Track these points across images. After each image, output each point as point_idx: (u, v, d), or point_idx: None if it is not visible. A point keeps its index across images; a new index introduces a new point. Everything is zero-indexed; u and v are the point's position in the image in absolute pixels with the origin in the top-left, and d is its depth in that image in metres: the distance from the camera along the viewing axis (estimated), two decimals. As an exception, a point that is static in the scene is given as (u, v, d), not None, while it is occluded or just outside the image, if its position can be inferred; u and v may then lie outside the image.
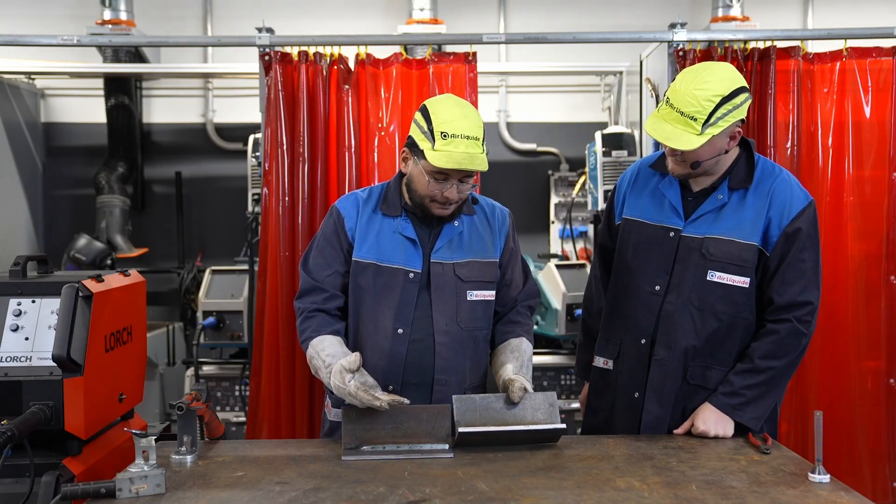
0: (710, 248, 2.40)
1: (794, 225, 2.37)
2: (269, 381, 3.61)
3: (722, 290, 2.40)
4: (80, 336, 2.01)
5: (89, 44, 4.66)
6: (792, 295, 2.37)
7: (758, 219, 2.40)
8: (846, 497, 1.86)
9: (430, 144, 2.23)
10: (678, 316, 2.42)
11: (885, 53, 3.62)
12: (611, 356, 2.58)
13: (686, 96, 2.26)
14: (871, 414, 3.61)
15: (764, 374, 2.37)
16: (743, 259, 2.39)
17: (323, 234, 2.44)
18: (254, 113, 3.97)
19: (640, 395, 2.48)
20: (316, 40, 3.68)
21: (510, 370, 2.34)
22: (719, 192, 2.43)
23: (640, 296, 2.49)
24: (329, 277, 2.38)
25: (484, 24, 5.70)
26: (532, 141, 5.76)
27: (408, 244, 2.37)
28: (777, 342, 2.37)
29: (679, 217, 2.46)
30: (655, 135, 2.32)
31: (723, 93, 2.26)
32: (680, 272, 2.44)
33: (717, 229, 2.41)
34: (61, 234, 5.47)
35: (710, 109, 2.24)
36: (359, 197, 2.46)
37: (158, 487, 1.86)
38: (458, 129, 2.22)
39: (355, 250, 2.38)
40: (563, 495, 1.85)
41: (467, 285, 2.38)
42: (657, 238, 2.48)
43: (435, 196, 2.29)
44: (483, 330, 2.44)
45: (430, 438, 2.19)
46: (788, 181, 2.45)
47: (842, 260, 3.63)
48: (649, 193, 2.54)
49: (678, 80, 2.32)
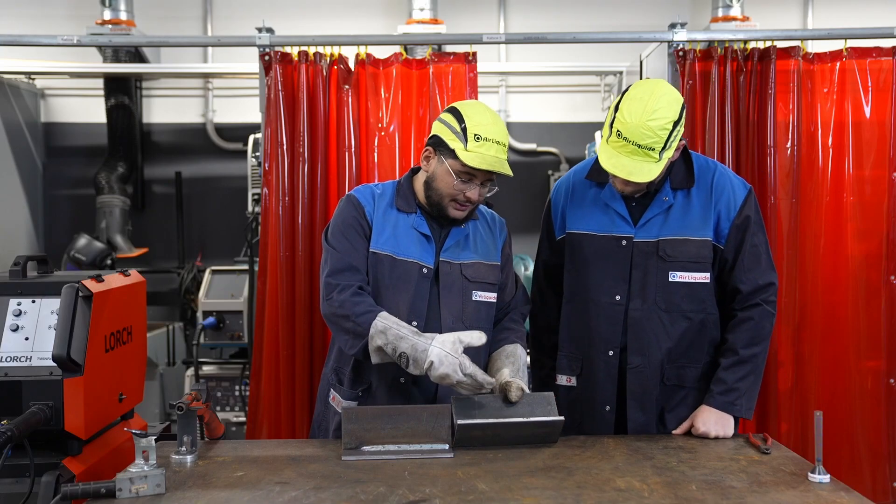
0: (666, 249, 2.42)
1: (742, 215, 2.43)
2: (269, 381, 3.61)
3: (686, 290, 2.43)
4: (80, 336, 2.01)
5: (89, 44, 4.67)
6: (755, 280, 2.43)
7: (706, 214, 2.43)
8: (846, 497, 1.86)
9: (463, 145, 2.28)
10: (647, 321, 2.43)
11: (885, 53, 3.62)
12: (574, 373, 2.57)
13: (640, 129, 2.22)
14: (871, 414, 3.61)
15: (750, 364, 2.40)
16: (700, 255, 2.42)
17: (343, 220, 2.42)
18: (254, 113, 3.97)
19: (611, 409, 2.49)
20: (316, 40, 3.68)
21: (507, 374, 2.35)
22: (664, 193, 2.45)
23: (601, 308, 2.48)
24: (361, 261, 2.37)
25: (484, 24, 5.70)
26: (532, 141, 5.76)
27: (422, 240, 2.40)
28: (753, 328, 2.41)
29: (628, 224, 2.46)
30: (616, 171, 2.28)
31: (674, 117, 2.25)
32: (640, 278, 2.44)
33: (669, 230, 2.43)
34: (61, 234, 5.48)
35: (665, 138, 2.24)
36: (374, 190, 2.49)
37: (158, 487, 1.86)
38: (490, 133, 2.29)
39: (372, 241, 2.39)
40: (563, 495, 1.85)
41: (473, 285, 2.41)
42: (610, 249, 2.47)
43: (457, 196, 2.33)
44: (486, 331, 2.43)
45: (430, 438, 2.19)
46: (725, 173, 2.50)
47: (842, 260, 3.63)
48: (590, 205, 2.54)
49: (625, 110, 2.25)
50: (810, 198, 3.61)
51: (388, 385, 2.37)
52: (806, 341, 3.59)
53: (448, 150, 2.31)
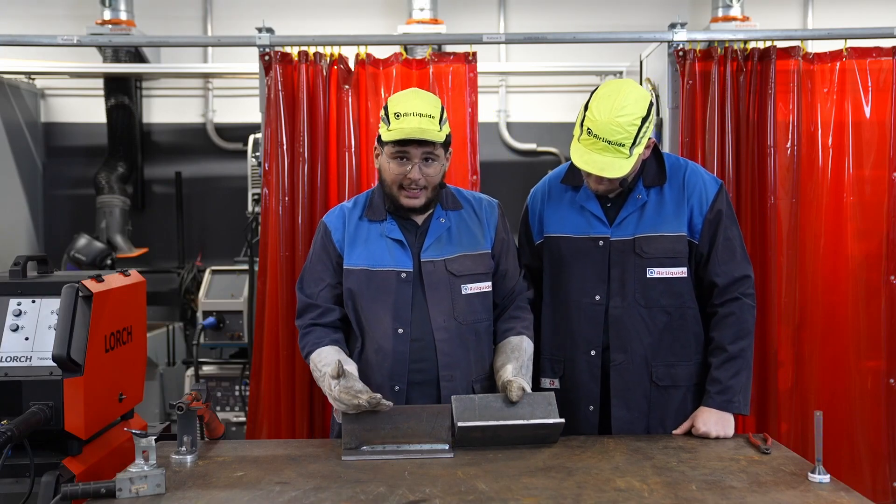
0: (643, 246, 2.46)
1: (714, 209, 2.47)
2: (269, 381, 3.61)
3: (663, 285, 2.46)
4: (80, 336, 2.01)
5: (89, 44, 4.67)
6: (730, 273, 2.47)
7: (679, 210, 2.47)
8: (846, 497, 1.86)
9: (387, 127, 2.33)
10: (627, 318, 2.46)
11: (885, 53, 3.62)
12: (556, 374, 2.58)
13: (609, 125, 2.28)
14: (871, 414, 3.61)
15: (740, 359, 2.43)
16: (676, 251, 2.46)
17: (314, 250, 2.51)
18: (254, 113, 3.97)
19: (594, 409, 2.51)
20: (316, 40, 3.68)
21: (510, 371, 2.34)
22: (637, 192, 2.49)
23: (582, 308, 2.51)
24: (322, 292, 2.45)
25: (484, 24, 5.70)
26: (532, 141, 5.76)
27: (395, 246, 2.40)
28: (737, 322, 2.45)
29: (604, 224, 2.50)
30: (589, 168, 2.33)
31: (641, 114, 2.31)
32: (618, 276, 2.47)
33: (644, 227, 2.47)
34: (61, 234, 5.47)
35: (634, 133, 2.29)
36: (344, 208, 2.52)
37: (158, 487, 1.86)
38: (409, 108, 2.33)
39: (345, 259, 2.43)
40: (563, 495, 1.85)
41: (460, 280, 2.41)
42: (587, 250, 2.50)
43: (401, 181, 2.35)
44: (484, 322, 2.46)
45: (430, 438, 2.19)
46: (696, 170, 2.55)
47: (842, 260, 3.63)
48: (567, 208, 2.57)
49: (594, 108, 2.32)
50: (810, 198, 3.61)
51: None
52: (806, 341, 3.59)
53: (380, 141, 2.37)
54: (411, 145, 2.31)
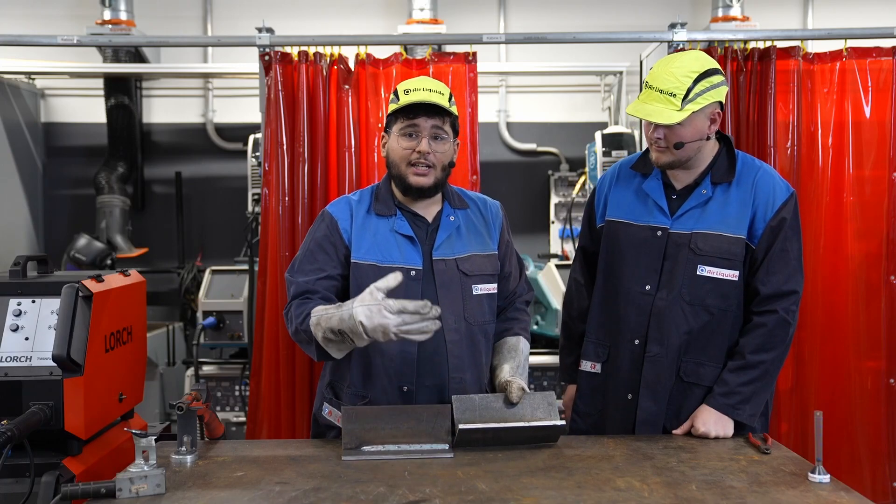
0: (698, 242, 2.42)
1: (778, 217, 2.40)
2: (269, 381, 3.61)
3: (712, 284, 2.42)
4: (80, 336, 2.01)
5: (89, 44, 4.67)
6: (777, 284, 2.39)
7: (743, 212, 2.42)
8: (846, 497, 1.86)
9: (396, 102, 2.32)
10: (668, 311, 2.43)
11: (885, 53, 3.62)
12: (599, 359, 2.57)
13: (664, 75, 2.34)
14: (871, 414, 3.61)
15: (757, 369, 2.37)
16: (731, 253, 2.41)
17: (313, 239, 2.37)
18: (254, 113, 3.98)
19: (633, 397, 2.49)
20: (316, 40, 3.68)
21: (507, 371, 2.33)
22: (702, 187, 2.46)
23: (632, 297, 2.49)
24: (322, 281, 2.29)
25: (484, 24, 5.70)
26: (532, 141, 5.76)
27: (405, 242, 2.33)
28: (766, 335, 2.38)
29: (665, 215, 2.47)
30: (637, 113, 2.37)
31: (698, 69, 2.34)
32: (669, 269, 2.45)
33: (704, 224, 2.43)
34: (61, 234, 5.48)
35: (687, 85, 2.31)
36: (350, 200, 2.43)
37: (158, 487, 1.86)
38: (418, 84, 2.33)
39: (353, 252, 2.32)
40: (563, 495, 1.85)
41: (472, 280, 2.36)
42: (645, 238, 2.48)
43: (409, 156, 2.29)
44: (490, 324, 2.42)
45: (430, 438, 2.18)
46: (771, 174, 2.48)
47: (842, 260, 3.63)
48: (632, 194, 2.55)
49: (655, 65, 2.41)
50: (810, 198, 3.61)
51: (388, 398, 2.31)
52: (806, 341, 3.59)
53: (390, 120, 2.35)
54: (421, 116, 2.27)
